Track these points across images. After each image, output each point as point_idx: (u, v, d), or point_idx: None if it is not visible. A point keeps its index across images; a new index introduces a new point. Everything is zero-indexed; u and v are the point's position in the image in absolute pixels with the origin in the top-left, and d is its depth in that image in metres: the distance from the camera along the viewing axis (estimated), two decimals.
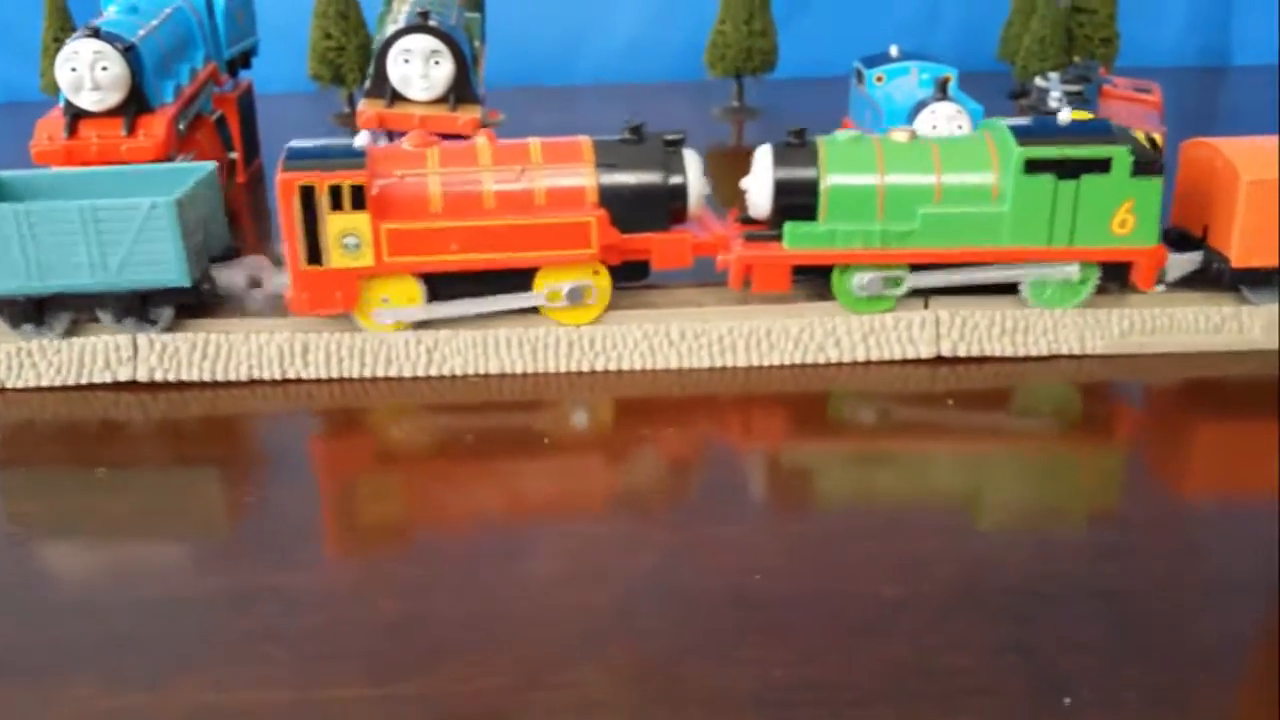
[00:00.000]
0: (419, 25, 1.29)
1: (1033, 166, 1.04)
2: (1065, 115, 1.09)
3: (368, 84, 1.32)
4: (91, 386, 1.05)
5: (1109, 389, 1.06)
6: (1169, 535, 0.83)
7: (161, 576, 0.78)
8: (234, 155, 1.52)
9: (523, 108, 2.18)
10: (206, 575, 0.78)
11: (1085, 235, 1.05)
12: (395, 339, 1.06)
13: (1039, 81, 1.64)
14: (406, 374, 1.06)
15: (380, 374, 1.06)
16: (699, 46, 2.08)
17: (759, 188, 1.09)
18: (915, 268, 1.08)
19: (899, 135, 1.10)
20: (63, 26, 1.98)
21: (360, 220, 1.02)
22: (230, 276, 1.08)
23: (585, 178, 1.06)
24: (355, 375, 1.06)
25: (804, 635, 0.71)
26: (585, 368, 1.07)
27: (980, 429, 0.99)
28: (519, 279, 1.07)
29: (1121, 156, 1.03)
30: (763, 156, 1.09)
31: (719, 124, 2.06)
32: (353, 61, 1.98)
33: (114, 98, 1.25)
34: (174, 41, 1.39)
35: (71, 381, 1.05)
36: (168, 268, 1.03)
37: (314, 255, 1.03)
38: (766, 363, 1.08)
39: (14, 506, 0.89)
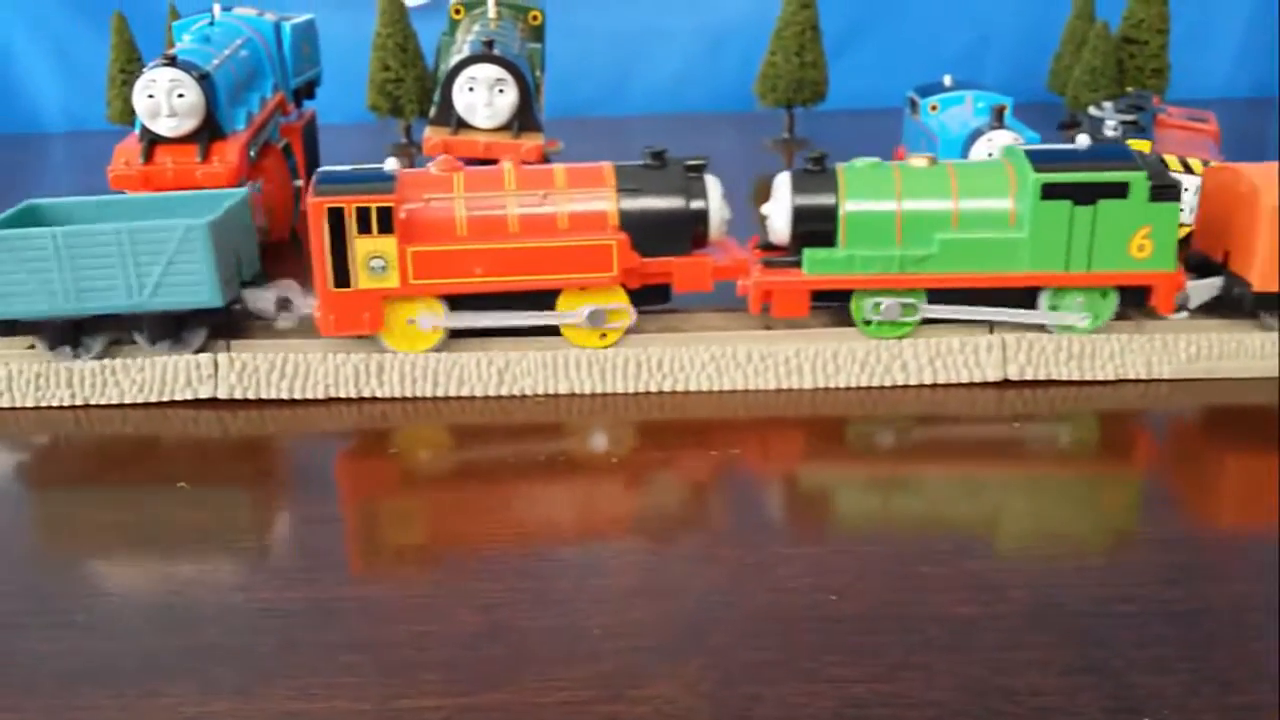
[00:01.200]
0: (484, 54, 1.32)
1: (1050, 191, 1.04)
2: (1083, 140, 1.09)
3: (433, 111, 1.36)
4: (173, 403, 1.07)
5: (1175, 413, 1.06)
6: (1237, 558, 0.83)
7: (245, 588, 0.80)
8: (300, 183, 1.55)
9: (573, 138, 2.22)
10: (289, 587, 0.80)
11: (1103, 260, 1.06)
12: (468, 359, 1.08)
13: (1093, 111, 1.64)
14: (479, 393, 1.08)
15: (453, 393, 1.08)
16: (748, 77, 2.11)
17: (778, 214, 1.10)
18: (933, 294, 1.08)
19: (918, 161, 1.10)
20: (129, 58, 2.04)
21: (387, 243, 1.04)
22: (261, 298, 1.10)
23: (607, 202, 1.08)
24: (428, 394, 1.08)
25: (882, 653, 0.72)
26: (653, 388, 1.08)
27: (1046, 452, 1.00)
28: (540, 301, 1.08)
29: (1139, 181, 1.04)
30: (782, 183, 1.11)
31: (769, 155, 2.08)
32: (410, 93, 2.02)
33: (189, 124, 1.28)
34: (245, 71, 1.43)
35: (154, 398, 1.07)
36: (201, 289, 1.06)
37: (341, 277, 1.05)
38: (833, 385, 1.08)
39: (102, 517, 0.91)
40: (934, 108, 1.54)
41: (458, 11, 1.59)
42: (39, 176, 2.15)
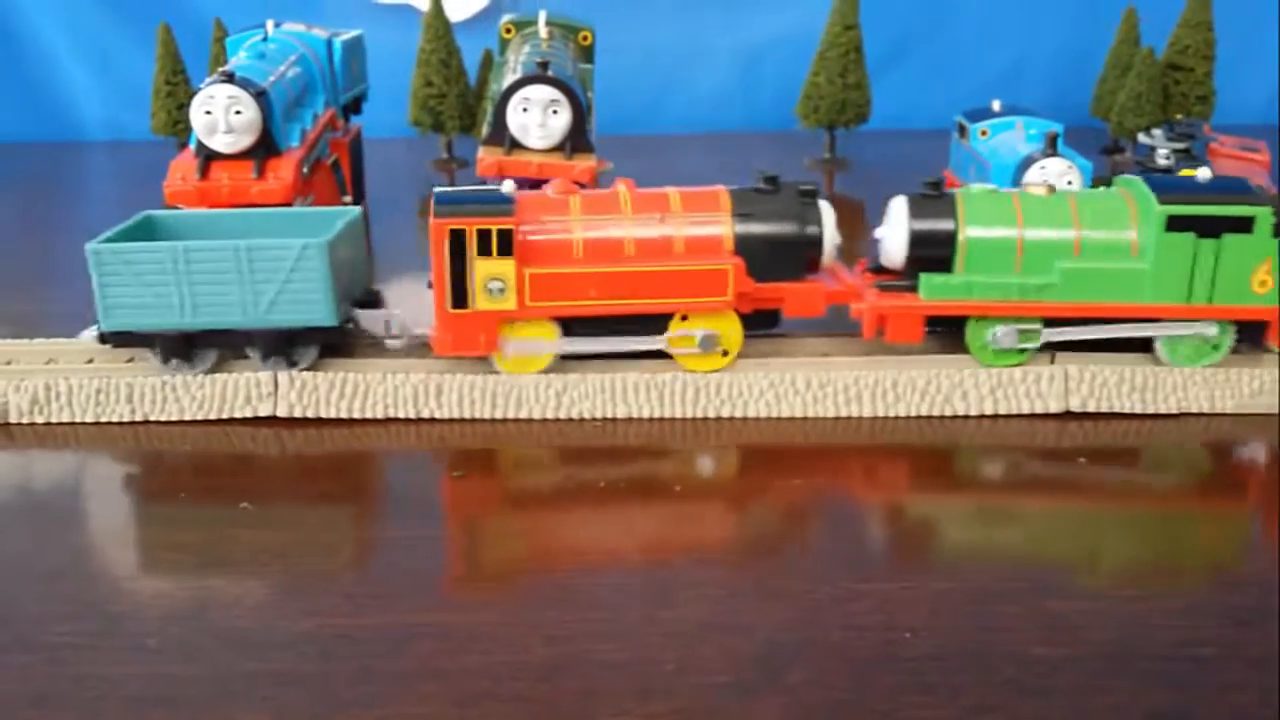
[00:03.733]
0: (539, 75, 1.32)
1: (1175, 224, 1.04)
2: (1206, 173, 1.09)
3: (486, 131, 1.36)
4: (230, 421, 1.07)
5: (1239, 448, 1.04)
6: None
7: (315, 612, 0.80)
8: (347, 198, 1.55)
9: (614, 156, 2.22)
10: (359, 612, 0.79)
11: (1225, 294, 1.05)
12: (526, 381, 1.08)
13: (1143, 138, 1.64)
14: (536, 416, 1.08)
15: (510, 415, 1.08)
16: (788, 96, 2.10)
17: (894, 238, 1.09)
18: (1049, 322, 1.08)
19: (1036, 190, 1.10)
20: (175, 70, 2.05)
21: (506, 265, 1.04)
22: (371, 319, 1.11)
23: (722, 226, 1.08)
24: (486, 416, 1.07)
25: (962, 694, 0.71)
26: (711, 414, 1.08)
27: (1111, 486, 0.99)
28: (650, 325, 1.08)
29: (1264, 216, 1.03)
30: (898, 207, 1.10)
31: (810, 174, 2.08)
32: (453, 109, 2.03)
33: (246, 141, 1.29)
34: (299, 87, 1.44)
35: (213, 416, 1.07)
36: (316, 308, 1.07)
37: (459, 298, 1.05)
38: (892, 414, 1.08)
39: (169, 537, 0.91)
40: (984, 133, 1.54)
41: (508, 31, 1.59)
42: (84, 185, 2.16)
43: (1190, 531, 0.92)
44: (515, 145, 1.34)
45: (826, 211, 1.10)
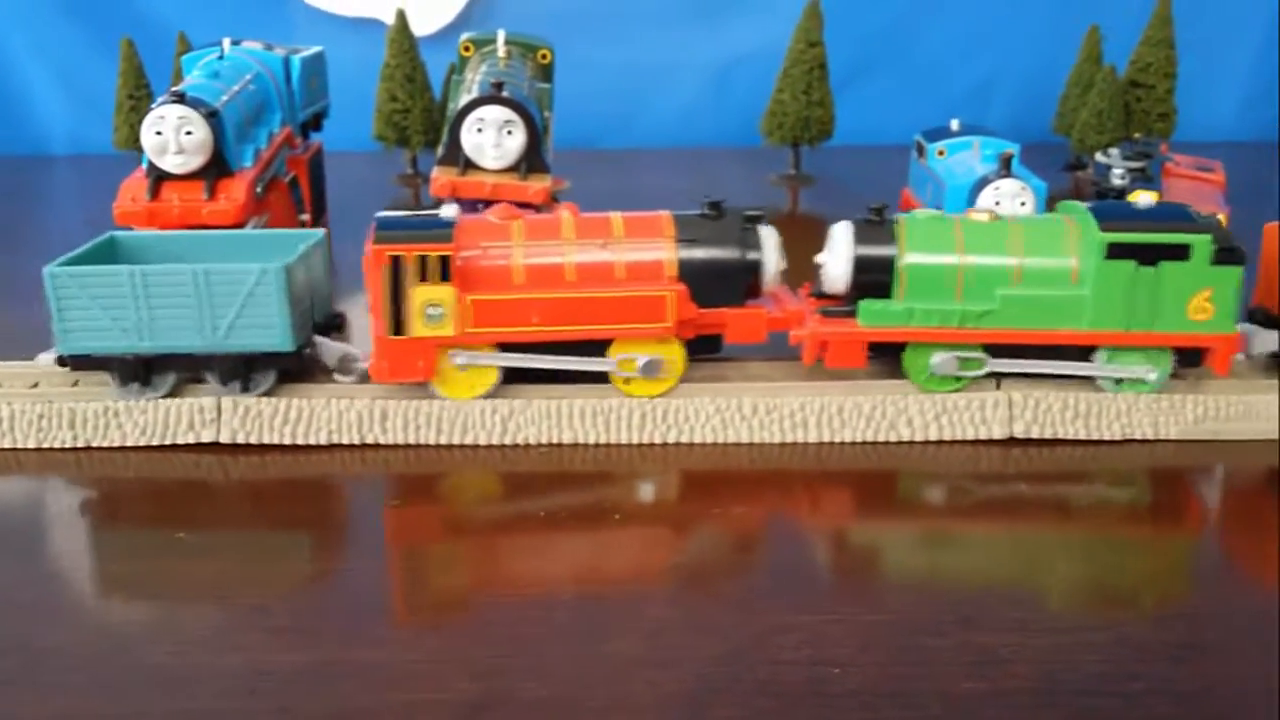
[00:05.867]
0: (493, 96, 1.32)
1: (1115, 251, 1.04)
2: (1146, 200, 1.10)
3: (440, 151, 1.36)
4: (174, 447, 1.07)
5: (1182, 476, 1.05)
6: (1243, 633, 0.82)
7: (243, 648, 0.79)
8: (305, 217, 1.55)
9: (581, 171, 2.22)
10: (288, 648, 0.79)
11: (1164, 321, 1.06)
12: (471, 407, 1.07)
13: (1100, 157, 1.65)
14: (481, 442, 1.07)
15: (456, 441, 1.07)
16: (754, 113, 2.11)
17: (836, 263, 1.10)
18: (994, 350, 1.08)
19: (979, 216, 1.10)
20: (138, 85, 2.04)
21: (444, 291, 1.04)
22: (326, 351, 1.11)
23: (665, 252, 1.08)
24: (431, 442, 1.07)
25: None
26: (658, 439, 1.08)
27: (1051, 514, 0.99)
28: (592, 351, 1.08)
29: (1202, 244, 1.04)
30: (842, 233, 1.10)
31: (774, 190, 2.08)
32: (417, 124, 2.02)
33: (197, 161, 1.28)
34: (254, 106, 1.43)
35: (155, 442, 1.06)
36: (273, 333, 1.06)
37: (397, 325, 1.05)
38: (838, 439, 1.08)
39: (105, 568, 0.90)
40: (941, 153, 1.54)
41: (467, 49, 1.59)
42: (46, 200, 2.14)
43: (1128, 562, 0.92)
44: (470, 165, 1.33)
45: (769, 237, 1.10)
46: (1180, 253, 1.04)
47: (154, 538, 0.94)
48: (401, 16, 2.03)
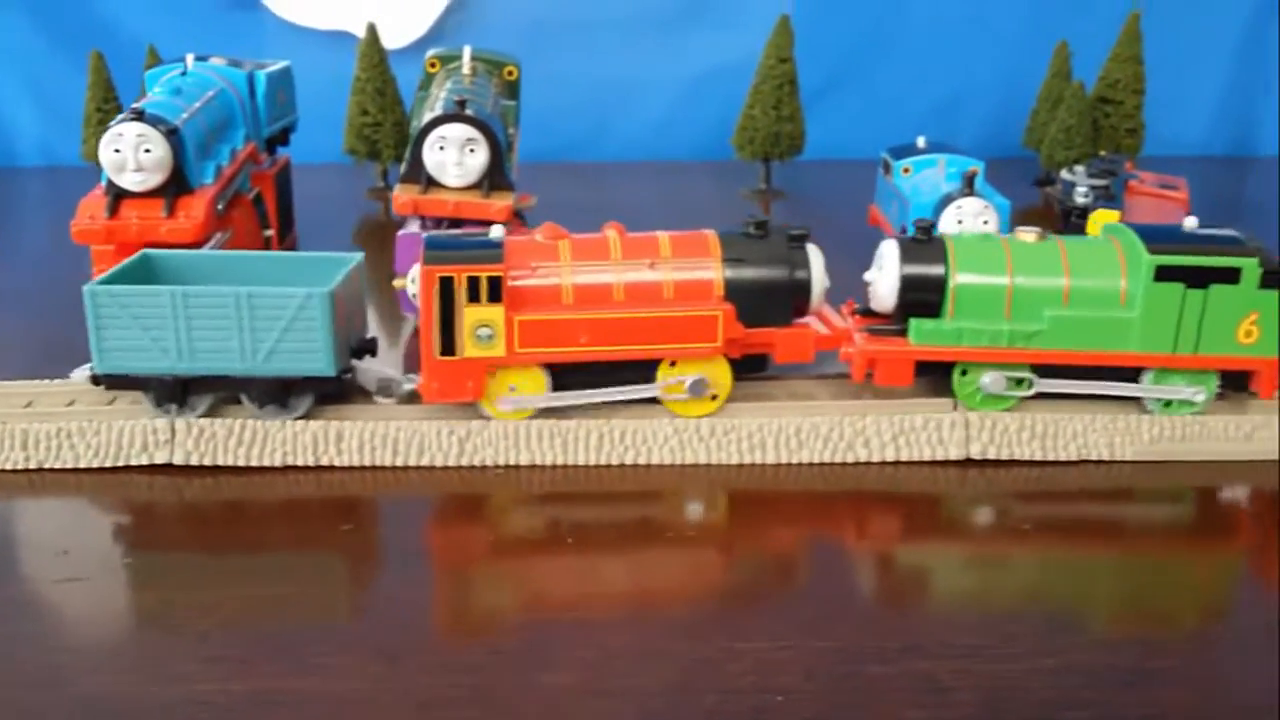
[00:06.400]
0: (455, 114, 1.32)
1: (1163, 274, 1.05)
2: (1192, 222, 1.11)
3: (404, 168, 1.35)
4: (127, 469, 1.06)
5: (1138, 496, 1.05)
6: (1193, 659, 0.82)
7: (182, 678, 0.77)
8: (269, 233, 1.54)
9: (552, 185, 2.21)
10: (226, 677, 0.77)
11: (1211, 343, 1.06)
12: (428, 429, 1.07)
13: (1065, 174, 1.65)
14: (438, 464, 1.07)
15: (412, 463, 1.06)
16: (727, 127, 2.11)
17: (884, 282, 1.10)
18: (1038, 370, 1.09)
19: (1026, 235, 1.11)
20: (106, 97, 2.03)
21: (495, 312, 1.03)
22: (364, 375, 1.11)
23: (712, 271, 1.08)
24: (387, 463, 1.06)
25: None
26: (615, 460, 1.07)
27: (1005, 536, 0.99)
28: (639, 369, 1.08)
29: (1251, 268, 1.05)
30: (889, 251, 1.10)
31: (746, 204, 2.08)
32: (388, 137, 2.02)
33: (156, 179, 1.27)
34: (216, 123, 1.42)
35: (109, 464, 1.05)
36: (315, 357, 1.05)
37: (448, 346, 1.04)
38: (796, 460, 1.08)
39: (50, 595, 0.89)
40: (906, 170, 1.54)
41: (433, 65, 1.59)
42: (16, 212, 2.13)
43: (1079, 587, 0.92)
44: (432, 183, 1.33)
45: (815, 256, 1.10)
46: (1230, 276, 1.05)
47: (100, 562, 0.93)
48: (372, 30, 2.03)
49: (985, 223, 1.37)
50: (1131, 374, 1.09)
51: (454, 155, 1.31)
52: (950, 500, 1.04)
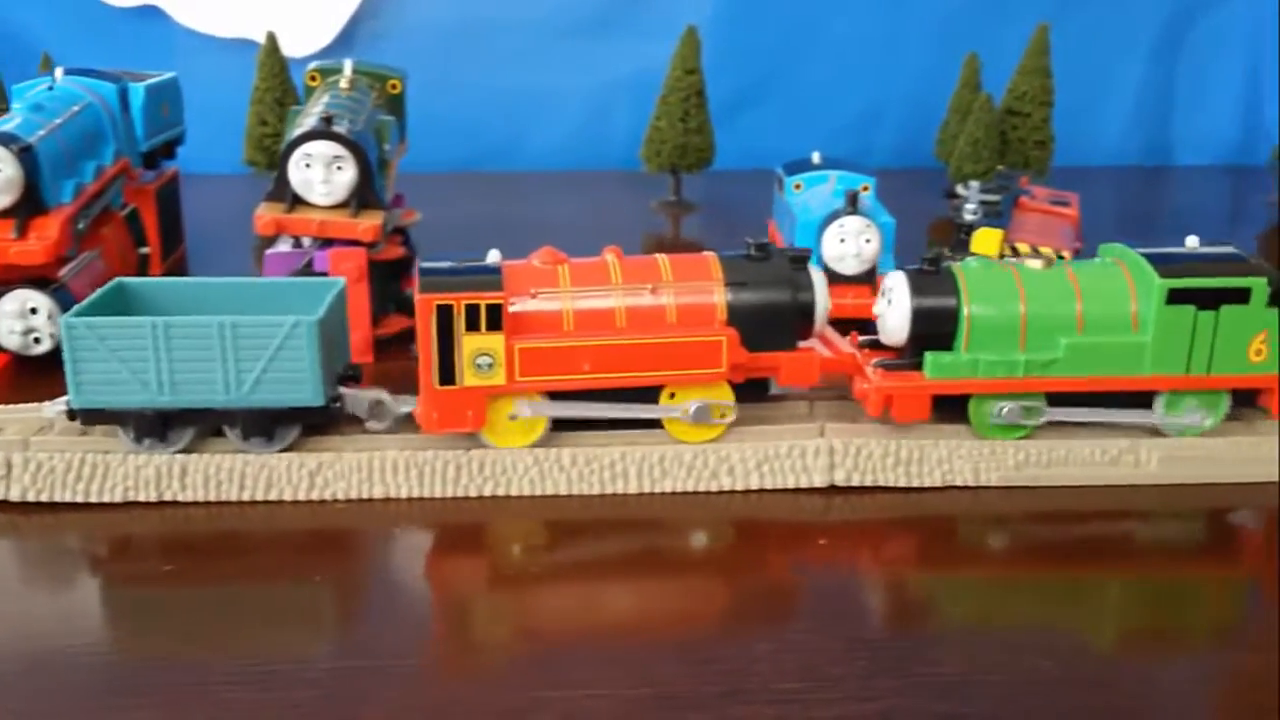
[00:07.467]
0: (321, 130, 1.28)
1: (1175, 297, 1.04)
2: (1194, 241, 1.10)
3: (270, 186, 1.31)
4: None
5: (1001, 523, 1.03)
6: (1084, 686, 0.80)
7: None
8: (145, 250, 1.49)
9: (465, 194, 2.18)
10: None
11: (1223, 363, 1.06)
12: (276, 462, 1.03)
13: (959, 190, 1.64)
14: (287, 498, 1.03)
15: (260, 497, 1.03)
16: (638, 137, 2.08)
17: (894, 315, 1.08)
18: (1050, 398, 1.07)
19: (1033, 263, 1.09)
20: (1, 108, 1.97)
21: (495, 340, 1.00)
22: (355, 400, 1.07)
23: (714, 295, 1.05)
24: (233, 498, 1.03)
25: None
26: (474, 493, 1.04)
27: (866, 565, 0.97)
28: (640, 396, 1.06)
29: (1260, 287, 1.04)
30: (898, 284, 1.08)
31: (655, 216, 2.06)
32: None
33: (6, 200, 1.22)
34: (79, 139, 1.37)
35: None
36: (303, 387, 1.02)
37: (446, 375, 1.01)
38: (658, 489, 1.05)
39: None
40: (798, 186, 1.53)
41: (313, 78, 1.55)
42: None
43: (914, 622, 0.90)
44: (298, 201, 1.29)
45: (818, 278, 1.08)
46: (1240, 296, 1.04)
47: None
48: (272, 39, 1.98)
49: (867, 241, 1.36)
50: (1142, 397, 1.09)
51: (320, 173, 1.27)
52: (811, 529, 1.01)
